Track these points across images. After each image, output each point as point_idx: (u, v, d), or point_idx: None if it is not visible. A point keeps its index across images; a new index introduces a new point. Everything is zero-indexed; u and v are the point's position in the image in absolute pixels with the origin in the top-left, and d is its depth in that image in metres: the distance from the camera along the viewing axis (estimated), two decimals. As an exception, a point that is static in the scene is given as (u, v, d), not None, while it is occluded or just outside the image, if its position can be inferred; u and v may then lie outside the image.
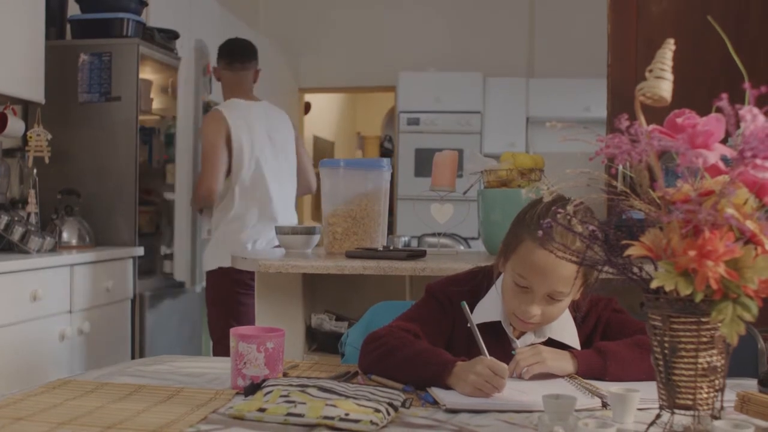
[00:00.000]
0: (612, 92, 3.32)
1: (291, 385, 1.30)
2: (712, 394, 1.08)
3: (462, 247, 5.13)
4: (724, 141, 1.05)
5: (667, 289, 1.02)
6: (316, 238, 3.03)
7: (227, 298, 3.49)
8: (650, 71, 1.08)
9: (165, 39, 4.07)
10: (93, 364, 3.30)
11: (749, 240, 1.01)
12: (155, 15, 4.25)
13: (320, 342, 2.81)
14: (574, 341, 1.61)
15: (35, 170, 3.55)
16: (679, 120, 1.06)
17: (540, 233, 1.44)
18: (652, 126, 1.07)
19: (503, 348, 1.57)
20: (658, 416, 1.12)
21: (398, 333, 1.55)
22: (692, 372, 1.06)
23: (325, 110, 8.85)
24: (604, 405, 1.31)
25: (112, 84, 3.78)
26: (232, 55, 3.66)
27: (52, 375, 3.04)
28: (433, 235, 4.69)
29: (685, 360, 1.06)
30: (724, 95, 0.99)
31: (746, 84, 0.99)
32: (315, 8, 7.15)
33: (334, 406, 1.21)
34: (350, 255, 2.64)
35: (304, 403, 1.22)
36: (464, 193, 2.91)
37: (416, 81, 6.66)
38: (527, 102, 6.61)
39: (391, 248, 2.77)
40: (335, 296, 2.96)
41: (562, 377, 1.50)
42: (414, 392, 1.41)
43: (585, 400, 1.33)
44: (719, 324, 1.00)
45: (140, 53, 3.77)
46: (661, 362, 1.08)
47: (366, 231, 2.84)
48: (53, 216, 3.61)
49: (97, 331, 3.45)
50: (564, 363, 1.50)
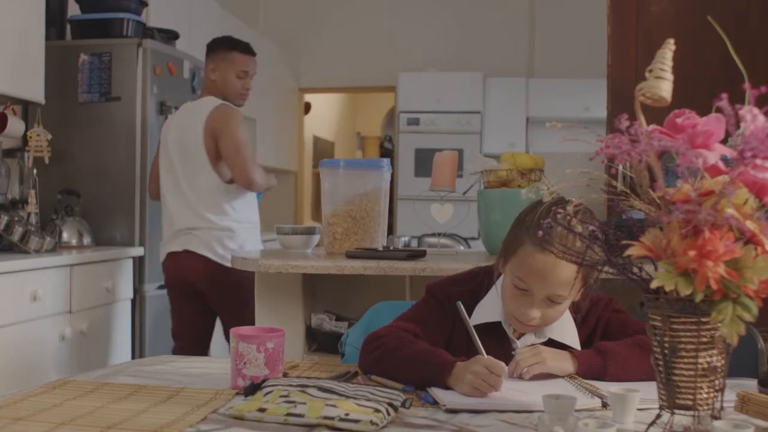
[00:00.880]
0: (612, 92, 3.31)
1: (291, 385, 1.30)
2: (712, 394, 1.08)
3: (462, 248, 5.13)
4: (724, 141, 1.05)
5: (667, 289, 1.02)
6: (316, 238, 3.03)
7: None
8: (650, 71, 1.08)
9: (165, 39, 4.07)
10: (93, 364, 3.30)
11: (749, 240, 1.01)
12: (155, 15, 4.26)
13: (320, 342, 2.81)
14: (574, 341, 1.61)
15: (35, 170, 3.55)
16: (679, 120, 1.06)
17: (540, 234, 1.44)
18: (652, 126, 1.07)
19: (503, 348, 1.57)
20: (658, 416, 1.12)
21: (398, 333, 1.55)
22: (692, 372, 1.06)
23: (325, 110, 8.86)
24: (604, 405, 1.31)
25: (112, 84, 3.79)
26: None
27: (52, 375, 3.04)
28: (433, 236, 4.69)
29: (685, 360, 1.06)
30: (724, 95, 0.99)
31: (746, 84, 0.99)
32: (315, 8, 7.15)
33: (334, 406, 1.21)
34: (350, 255, 2.64)
35: (304, 403, 1.22)
36: (464, 194, 2.91)
37: (416, 81, 6.66)
38: (527, 102, 6.61)
39: (391, 248, 2.77)
40: (335, 296, 2.96)
41: (562, 377, 1.50)
42: (414, 392, 1.41)
43: (585, 401, 1.33)
44: (719, 324, 1.00)
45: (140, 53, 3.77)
46: (661, 362, 1.08)
47: (366, 231, 2.84)
48: (53, 216, 3.61)
49: (97, 332, 3.45)
50: (564, 363, 1.50)
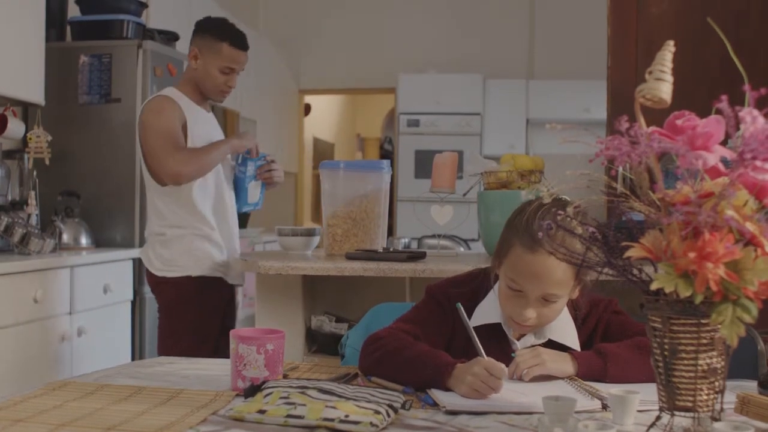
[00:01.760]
0: (612, 94, 3.31)
1: (291, 387, 1.30)
2: (712, 396, 1.08)
3: (462, 249, 5.13)
4: (724, 143, 1.05)
5: (667, 291, 1.02)
6: (316, 240, 3.03)
7: None
8: (650, 73, 1.08)
9: (165, 40, 4.07)
10: (93, 366, 3.29)
11: (749, 242, 1.01)
12: (155, 16, 4.26)
13: (320, 343, 2.81)
14: (574, 343, 1.60)
15: (35, 172, 3.55)
16: (679, 122, 1.06)
17: (539, 235, 1.44)
18: (652, 128, 1.07)
19: (503, 350, 1.57)
20: (658, 418, 1.12)
21: (398, 335, 1.55)
22: (692, 374, 1.06)
23: (325, 112, 8.86)
24: (604, 407, 1.31)
25: (112, 85, 3.79)
26: None
27: (53, 376, 3.04)
28: (433, 237, 4.68)
29: (685, 362, 1.06)
30: (724, 97, 0.99)
31: (746, 86, 0.99)
32: (315, 9, 7.15)
33: (334, 408, 1.21)
34: (350, 257, 2.64)
35: (304, 405, 1.22)
36: (464, 195, 2.91)
37: (416, 82, 6.66)
38: (527, 103, 6.61)
39: (391, 250, 2.77)
40: (335, 298, 2.96)
41: (562, 379, 1.50)
42: (414, 394, 1.41)
43: (585, 402, 1.33)
44: (719, 326, 1.00)
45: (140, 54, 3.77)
46: (661, 364, 1.08)
47: (366, 233, 2.84)
48: (53, 217, 3.61)
49: (98, 333, 3.45)
50: (564, 365, 1.50)
